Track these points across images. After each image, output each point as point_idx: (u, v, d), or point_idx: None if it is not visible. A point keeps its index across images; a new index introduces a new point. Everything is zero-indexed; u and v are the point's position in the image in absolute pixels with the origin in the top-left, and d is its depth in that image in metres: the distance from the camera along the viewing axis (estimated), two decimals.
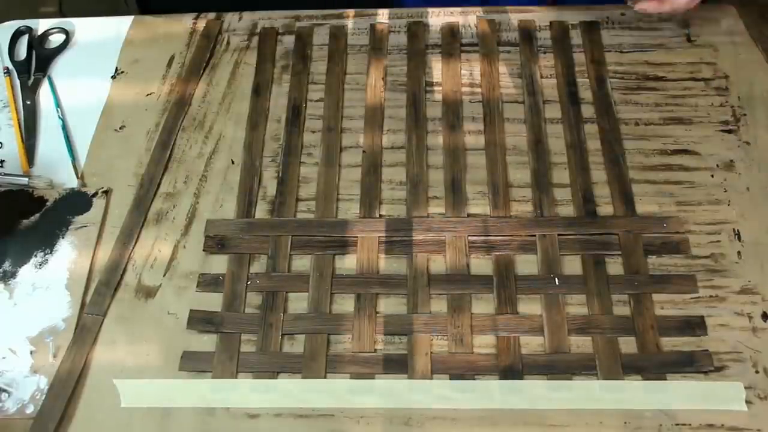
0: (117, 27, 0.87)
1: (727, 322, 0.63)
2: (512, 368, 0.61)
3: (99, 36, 0.87)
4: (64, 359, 0.63)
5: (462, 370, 0.62)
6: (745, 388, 0.60)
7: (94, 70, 0.84)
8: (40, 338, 0.65)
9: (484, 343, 0.63)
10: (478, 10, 0.85)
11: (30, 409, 0.61)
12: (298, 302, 0.66)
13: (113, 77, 0.83)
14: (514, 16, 0.85)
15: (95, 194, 0.73)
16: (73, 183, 0.74)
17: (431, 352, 0.63)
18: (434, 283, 0.66)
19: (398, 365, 0.62)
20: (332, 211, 0.71)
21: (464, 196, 0.71)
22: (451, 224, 0.70)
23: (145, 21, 0.88)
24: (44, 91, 0.82)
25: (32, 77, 0.83)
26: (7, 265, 0.69)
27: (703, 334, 0.62)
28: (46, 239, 0.70)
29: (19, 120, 0.80)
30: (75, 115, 0.80)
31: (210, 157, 0.76)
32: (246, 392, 0.61)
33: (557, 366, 0.61)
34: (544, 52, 0.82)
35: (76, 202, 0.72)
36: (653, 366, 0.61)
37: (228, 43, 0.85)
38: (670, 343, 0.62)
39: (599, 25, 0.83)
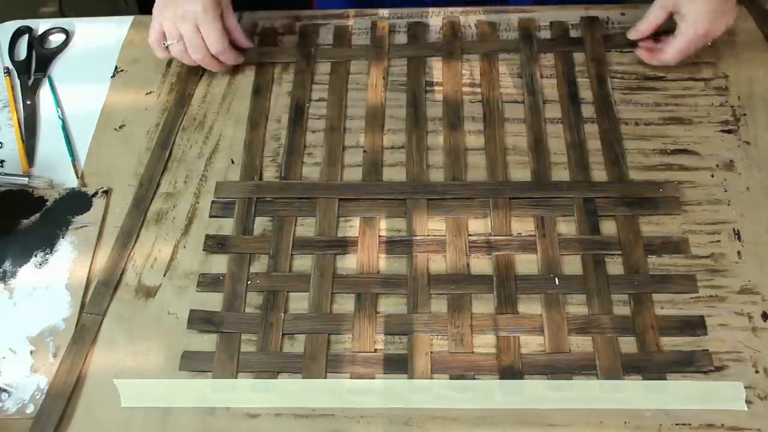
0: (117, 27, 0.87)
1: (727, 321, 0.63)
2: (512, 368, 0.61)
3: (99, 36, 0.87)
4: (64, 359, 0.63)
5: (462, 370, 0.62)
6: (745, 388, 0.60)
7: (94, 69, 0.84)
8: (40, 338, 0.65)
9: (484, 343, 0.63)
10: (479, 10, 0.85)
11: (30, 409, 0.61)
12: (299, 302, 0.66)
13: (113, 77, 0.83)
14: (514, 16, 0.85)
15: (95, 194, 0.73)
16: (73, 183, 0.74)
17: (431, 352, 0.63)
18: (434, 283, 0.66)
19: (398, 365, 0.62)
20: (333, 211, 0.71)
21: (464, 196, 0.71)
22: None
23: (145, 21, 0.88)
24: (44, 91, 0.82)
25: (32, 77, 0.83)
26: (7, 265, 0.69)
27: (703, 334, 0.62)
28: (46, 239, 0.70)
29: (19, 120, 0.80)
30: (75, 114, 0.80)
31: (210, 157, 0.76)
32: (246, 392, 0.61)
33: (557, 366, 0.61)
34: (544, 52, 0.82)
35: (76, 202, 0.72)
36: (653, 366, 0.61)
37: None
38: (670, 343, 0.62)
39: (600, 25, 0.83)
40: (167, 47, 0.77)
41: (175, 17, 0.74)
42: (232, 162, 0.75)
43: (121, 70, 0.83)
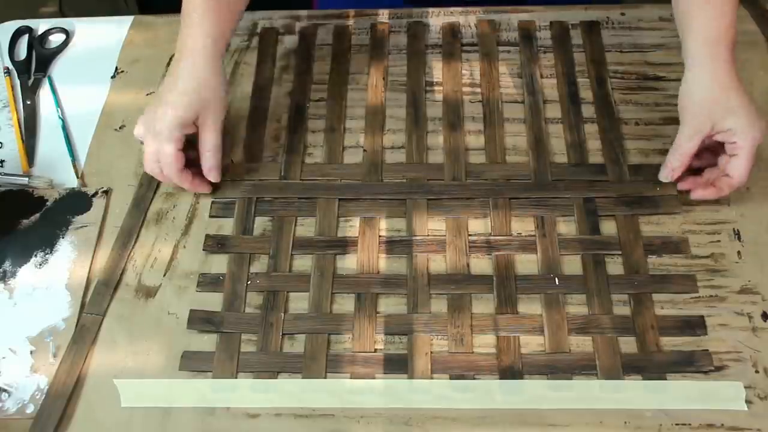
0: (117, 27, 0.87)
1: (727, 321, 0.63)
2: (512, 368, 0.61)
3: (99, 36, 0.87)
4: (64, 359, 0.63)
5: (462, 370, 0.62)
6: (745, 387, 0.60)
7: (94, 69, 0.84)
8: (40, 338, 0.65)
9: (484, 343, 0.63)
10: (478, 10, 0.86)
11: (30, 409, 0.61)
12: (299, 302, 0.66)
13: (113, 77, 0.83)
14: (514, 16, 0.85)
15: (95, 194, 0.73)
16: (73, 183, 0.74)
17: (431, 352, 0.63)
18: (434, 283, 0.66)
19: (398, 365, 0.62)
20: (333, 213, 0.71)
21: (464, 196, 0.71)
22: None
23: (145, 21, 0.88)
24: (44, 91, 0.82)
25: (32, 77, 0.83)
26: (7, 265, 0.69)
27: (703, 333, 0.62)
28: (46, 239, 0.70)
29: (19, 120, 0.80)
30: (75, 114, 0.80)
31: None
32: (246, 392, 0.61)
33: (557, 366, 0.61)
34: (544, 52, 0.82)
35: (76, 202, 0.72)
36: (653, 366, 0.61)
37: (228, 43, 0.84)
38: (670, 342, 0.62)
39: (599, 25, 0.83)
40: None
41: (146, 126, 0.68)
42: (232, 162, 0.75)
43: (122, 71, 0.83)
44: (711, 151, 0.69)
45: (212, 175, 0.70)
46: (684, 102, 0.68)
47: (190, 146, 0.70)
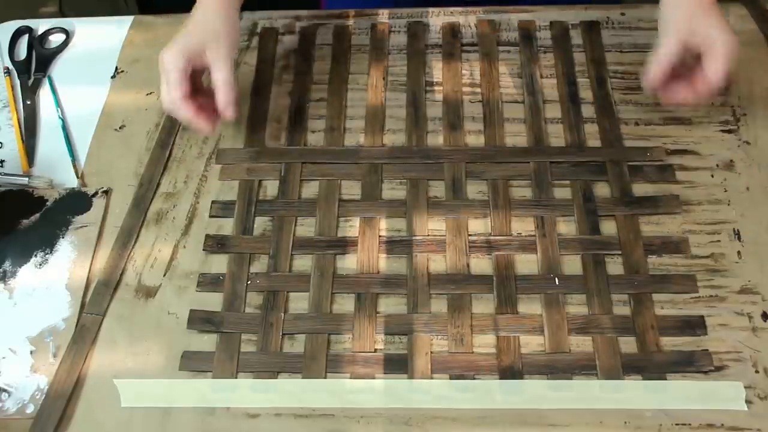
0: (117, 27, 0.87)
1: (727, 321, 0.63)
2: (512, 368, 0.61)
3: (99, 36, 0.87)
4: (64, 359, 0.63)
5: (462, 370, 0.62)
6: (745, 387, 0.60)
7: (94, 69, 0.84)
8: (40, 338, 0.65)
9: (484, 343, 0.63)
10: (478, 10, 0.86)
11: (30, 409, 0.61)
12: (299, 302, 0.66)
13: (113, 77, 0.83)
14: (515, 16, 0.85)
15: (95, 194, 0.73)
16: (73, 183, 0.74)
17: (431, 352, 0.63)
18: (434, 283, 0.66)
19: (398, 365, 0.62)
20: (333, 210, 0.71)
21: (464, 196, 0.71)
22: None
23: (145, 21, 0.88)
24: (44, 91, 0.82)
25: (32, 77, 0.83)
26: (7, 265, 0.69)
27: (703, 333, 0.62)
28: (46, 239, 0.70)
29: (19, 120, 0.80)
30: (75, 114, 0.80)
31: (210, 157, 0.76)
32: (246, 392, 0.61)
33: (557, 366, 0.61)
34: (544, 52, 0.82)
35: (76, 202, 0.72)
36: (653, 366, 0.61)
37: None
38: (670, 342, 0.62)
39: (599, 25, 0.83)
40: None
41: (160, 59, 0.68)
42: (232, 164, 0.75)
43: (122, 71, 0.83)
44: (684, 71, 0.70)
45: (229, 111, 0.69)
46: (667, 15, 0.69)
47: (201, 93, 0.71)
